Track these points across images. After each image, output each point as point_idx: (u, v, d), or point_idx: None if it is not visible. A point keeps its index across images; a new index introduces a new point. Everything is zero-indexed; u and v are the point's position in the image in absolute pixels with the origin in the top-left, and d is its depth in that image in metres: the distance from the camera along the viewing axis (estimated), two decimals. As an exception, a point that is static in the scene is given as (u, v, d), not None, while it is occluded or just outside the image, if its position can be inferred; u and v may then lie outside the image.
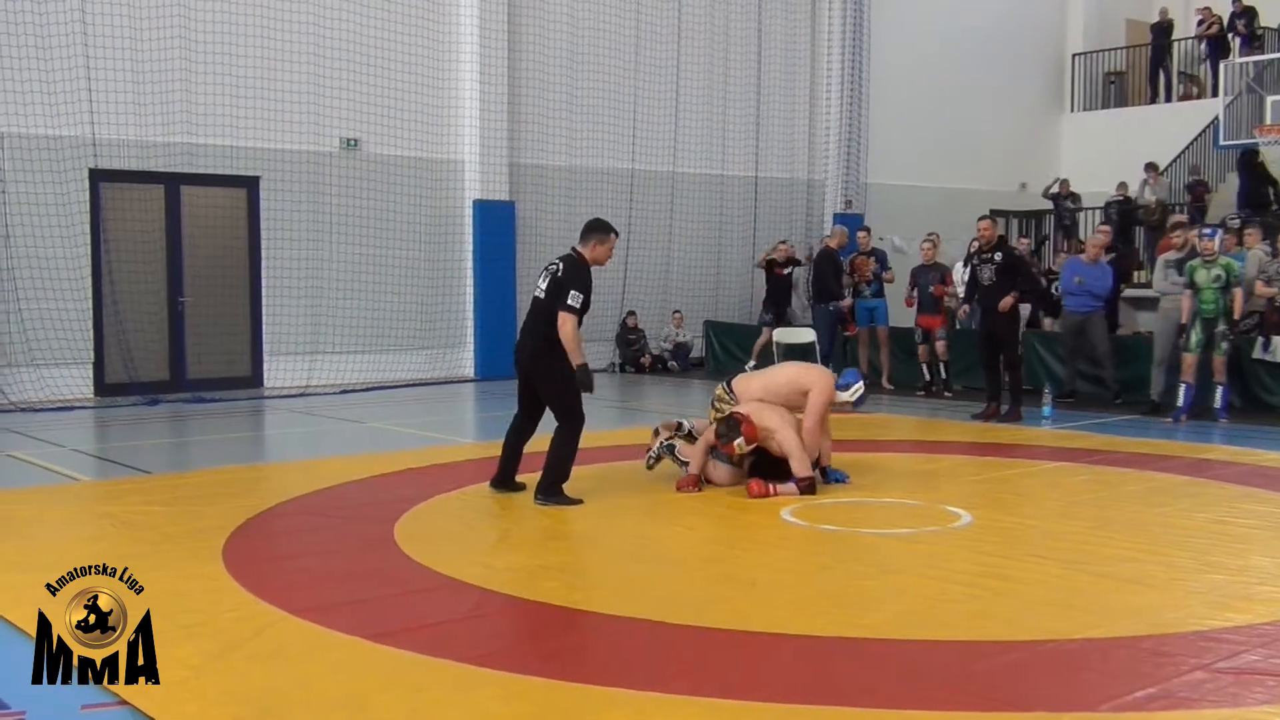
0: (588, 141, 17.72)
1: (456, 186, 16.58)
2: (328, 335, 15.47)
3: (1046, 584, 5.68)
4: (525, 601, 5.45)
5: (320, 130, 15.32)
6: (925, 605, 5.33)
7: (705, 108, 18.95)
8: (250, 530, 6.82)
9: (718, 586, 5.88)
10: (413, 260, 16.19)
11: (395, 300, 16.03)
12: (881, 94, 20.41)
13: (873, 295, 15.34)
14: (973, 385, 13.85)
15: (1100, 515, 7.31)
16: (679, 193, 18.72)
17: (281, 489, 8.15)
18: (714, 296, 18.99)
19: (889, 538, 6.81)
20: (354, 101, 15.51)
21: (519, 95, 16.92)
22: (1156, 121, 21.76)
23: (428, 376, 16.12)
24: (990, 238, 11.87)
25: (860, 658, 4.64)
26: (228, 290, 15.05)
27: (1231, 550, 6.37)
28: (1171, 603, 5.38)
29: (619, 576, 6.01)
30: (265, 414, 13.25)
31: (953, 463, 9.62)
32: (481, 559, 6.30)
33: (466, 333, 16.64)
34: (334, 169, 15.48)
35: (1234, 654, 4.60)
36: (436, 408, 13.90)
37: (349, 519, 7.20)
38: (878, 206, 20.07)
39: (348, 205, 15.58)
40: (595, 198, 17.70)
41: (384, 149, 15.88)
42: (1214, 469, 8.98)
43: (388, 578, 5.80)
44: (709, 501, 7.69)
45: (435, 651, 4.60)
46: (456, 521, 7.29)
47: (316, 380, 15.18)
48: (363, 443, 10.84)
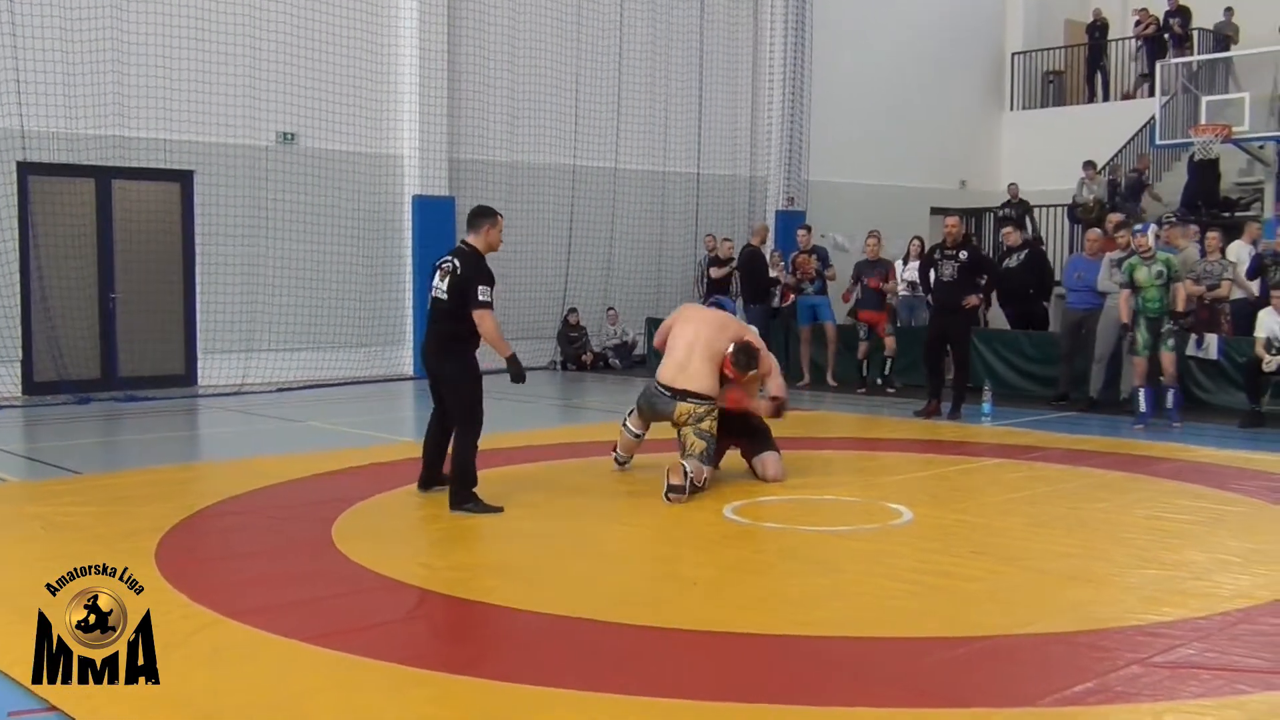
0: (529, 136, 17.67)
1: (395, 182, 16.48)
2: (264, 332, 15.30)
3: (986, 581, 5.75)
4: (466, 601, 5.43)
5: (256, 124, 15.15)
6: (867, 603, 5.38)
7: (647, 103, 18.97)
8: (184, 531, 6.74)
9: (660, 585, 5.90)
10: (351, 256, 16.07)
11: (333, 297, 15.90)
12: (823, 91, 20.54)
13: (815, 293, 15.36)
14: (913, 383, 13.98)
15: (1039, 512, 7.41)
16: (621, 189, 18.73)
17: (216, 489, 8.06)
18: (656, 294, 19.00)
19: (831, 535, 6.85)
20: (291, 95, 15.34)
21: (459, 89, 16.84)
22: (1094, 120, 22.07)
23: (366, 374, 16.01)
24: (957, 235, 11.94)
25: (803, 656, 4.67)
26: (161, 286, 14.83)
27: (1167, 545, 6.48)
28: (1108, 598, 5.47)
29: (560, 575, 6.00)
30: (199, 413, 13.09)
31: (894, 460, 9.71)
32: (421, 558, 6.28)
33: (405, 330, 16.53)
34: (270, 163, 15.31)
35: (1169, 648, 4.68)
36: (375, 406, 13.82)
37: (286, 519, 7.13)
38: (820, 204, 20.21)
39: (284, 200, 15.42)
40: (536, 193, 17.66)
41: (322, 143, 15.74)
42: (1151, 465, 9.13)
43: (326, 579, 5.75)
44: (653, 500, 7.70)
45: (374, 653, 4.57)
46: (396, 520, 7.26)
47: (252, 378, 15.01)
48: (300, 442, 10.75)
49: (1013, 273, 14.29)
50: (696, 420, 7.97)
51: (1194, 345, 12.33)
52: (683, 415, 8.00)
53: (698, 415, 7.98)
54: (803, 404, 13.02)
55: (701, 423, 7.98)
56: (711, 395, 8.06)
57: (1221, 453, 9.74)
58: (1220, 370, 12.42)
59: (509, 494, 7.70)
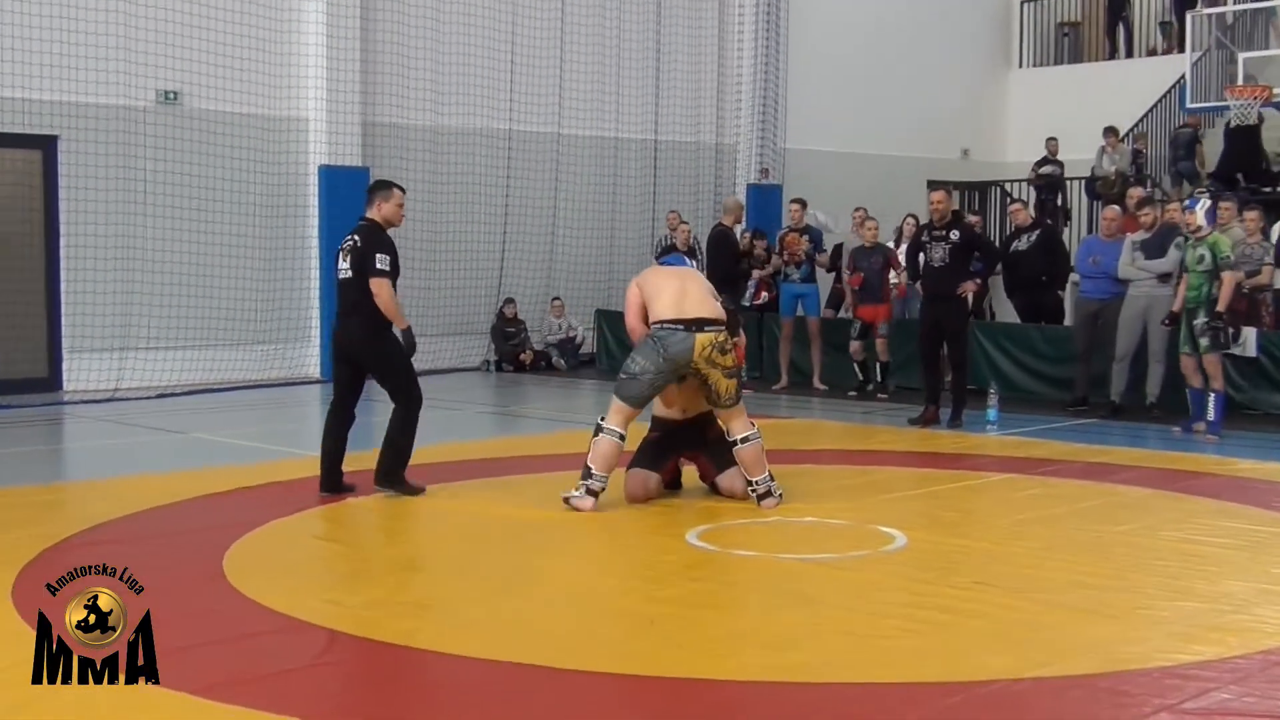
0: (456, 97, 17.61)
1: (299, 150, 16.38)
2: (142, 328, 15.16)
3: (992, 616, 5.78)
4: (381, 644, 5.41)
5: (132, 81, 14.99)
6: (853, 643, 5.40)
7: (596, 57, 18.94)
8: (48, 564, 6.65)
9: (609, 625, 5.89)
10: (246, 237, 15.96)
11: (224, 285, 15.78)
12: (802, 44, 20.58)
13: (802, 280, 15.22)
14: (908, 385, 14.07)
15: (1054, 535, 7.46)
16: (565, 158, 18.71)
17: (85, 514, 7.98)
18: (607, 282, 18.99)
19: (812, 564, 6.86)
20: (174, 47, 15.20)
21: (374, 42, 16.75)
22: (1115, 80, 22.24)
23: (264, 377, 15.92)
24: (944, 212, 11.96)
25: (778, 704, 4.67)
26: (18, 274, 14.67)
27: (1202, 574, 6.54)
28: (1134, 635, 5.52)
29: (491, 614, 5.97)
30: (65, 423, 12.99)
31: (886, 475, 9.74)
32: (329, 594, 6.26)
33: (311, 325, 16.44)
34: (149, 127, 15.17)
35: (1203, 692, 4.73)
36: (274, 414, 13.75)
37: (169, 549, 7.08)
38: (798, 176, 20.23)
39: (167, 171, 15.28)
40: (465, 162, 17.62)
41: (210, 104, 15.61)
42: (1183, 480, 9.22)
43: (217, 619, 5.72)
44: (602, 524, 7.69)
45: (276, 706, 4.55)
46: (299, 549, 7.23)
47: (128, 382, 14.88)
48: (185, 457, 10.67)
49: (1022, 256, 14.38)
50: (722, 351, 7.96)
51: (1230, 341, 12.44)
52: (705, 349, 7.93)
53: (721, 345, 7.97)
54: (779, 411, 13.07)
55: (726, 355, 7.99)
56: (723, 321, 8.10)
57: (1263, 465, 9.86)
58: (1260, 369, 12.56)
59: (431, 517, 7.66)
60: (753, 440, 8.10)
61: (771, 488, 8.11)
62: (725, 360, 7.97)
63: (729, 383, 7.99)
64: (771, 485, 8.12)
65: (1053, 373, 13.95)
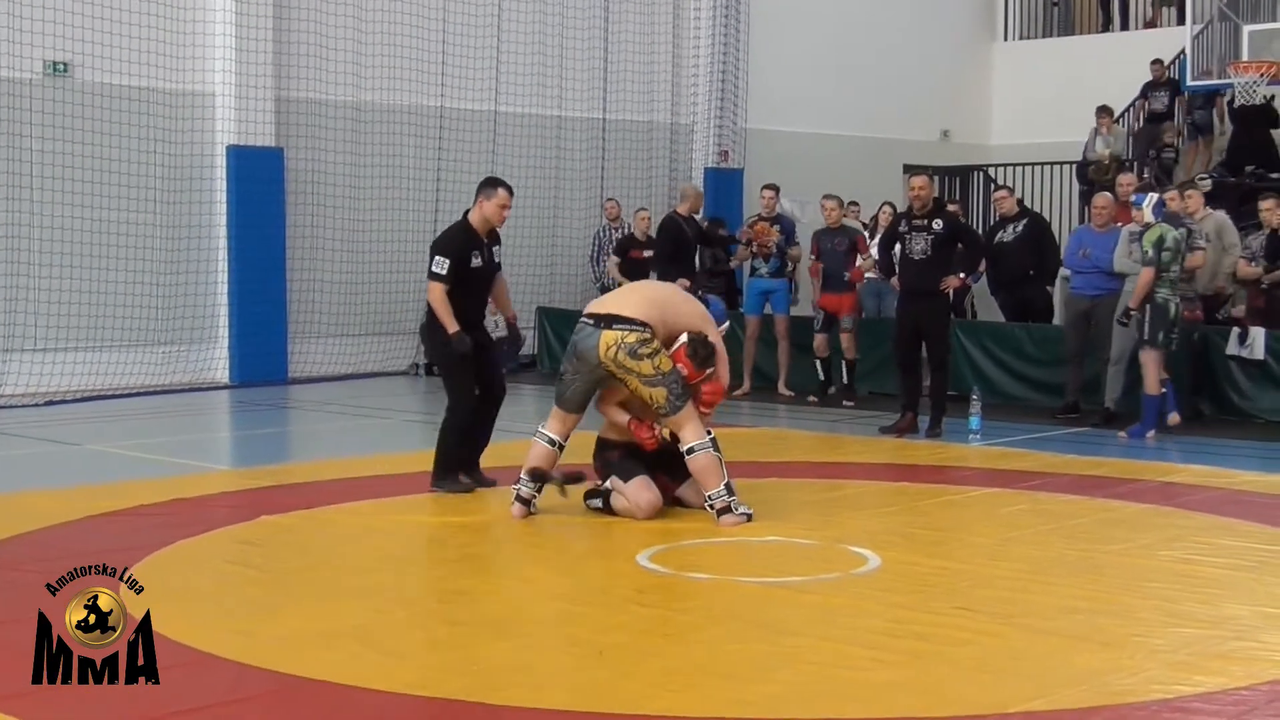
0: (381, 71, 17.56)
1: (204, 128, 16.32)
2: (25, 326, 15.08)
3: (974, 644, 5.81)
4: (297, 679, 5.38)
5: (16, 51, 14.89)
6: (822, 674, 5.42)
7: (537, 28, 18.93)
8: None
9: (556, 655, 5.89)
10: (144, 225, 15.87)
11: (121, 279, 15.69)
12: (765, 15, 20.64)
13: (771, 274, 15.15)
14: (880, 390, 14.11)
15: (1041, 555, 7.50)
16: (503, 138, 18.67)
17: (-36, 535, 7.90)
18: (549, 275, 18.99)
19: (776, 587, 6.89)
20: (63, 13, 15.12)
21: (289, 8, 16.69)
22: (1109, 54, 22.37)
23: (165, 382, 15.84)
24: (925, 199, 12.00)
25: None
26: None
27: (1202, 597, 6.59)
28: (1128, 665, 5.56)
29: (422, 642, 5.98)
30: (-60, 434, 12.87)
31: (857, 490, 9.79)
32: (238, 624, 6.22)
33: (218, 323, 16.36)
34: (35, 102, 15.10)
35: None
36: (176, 423, 13.68)
37: (58, 575, 7.00)
38: (761, 159, 20.27)
39: (55, 151, 15.20)
40: (391, 143, 17.58)
41: (105, 76, 15.51)
42: (1181, 495, 9.30)
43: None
44: (544, 544, 7.69)
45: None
46: (205, 575, 7.20)
47: (11, 388, 14.81)
48: (76, 471, 10.60)
49: (1008, 249, 14.47)
50: (631, 354, 7.91)
51: (1235, 342, 12.58)
52: (609, 347, 7.93)
53: (629, 346, 7.91)
54: (741, 419, 13.09)
55: (641, 361, 7.91)
56: (646, 322, 8.01)
57: (1266, 477, 9.96)
58: (1266, 373, 12.69)
59: (355, 537, 7.62)
60: (701, 449, 8.09)
61: (732, 504, 8.12)
62: (641, 366, 7.93)
63: (654, 390, 7.97)
64: (732, 501, 8.13)
65: (1041, 376, 14.03)
